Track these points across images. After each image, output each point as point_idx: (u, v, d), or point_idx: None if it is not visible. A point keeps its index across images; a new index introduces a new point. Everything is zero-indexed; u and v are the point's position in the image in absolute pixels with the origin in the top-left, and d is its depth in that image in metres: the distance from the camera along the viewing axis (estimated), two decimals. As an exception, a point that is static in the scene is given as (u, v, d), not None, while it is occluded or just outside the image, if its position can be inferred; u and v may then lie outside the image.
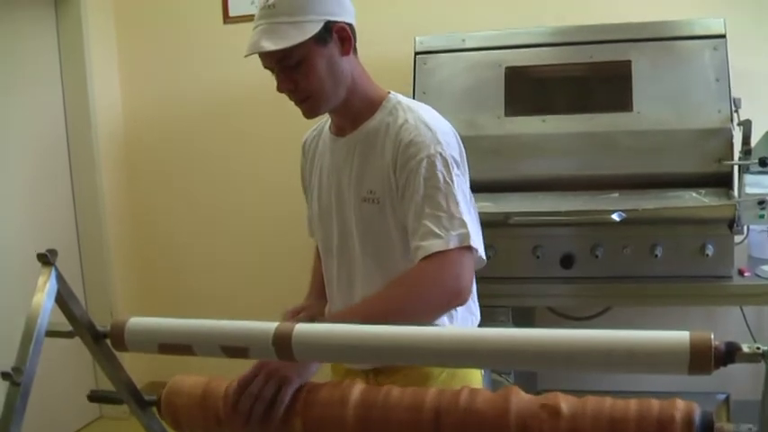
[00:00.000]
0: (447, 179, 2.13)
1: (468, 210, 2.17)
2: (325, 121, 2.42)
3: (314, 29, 2.11)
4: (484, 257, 2.17)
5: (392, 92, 2.32)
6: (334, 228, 2.33)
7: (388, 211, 2.20)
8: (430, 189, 2.12)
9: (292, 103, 2.25)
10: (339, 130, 2.32)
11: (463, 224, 2.10)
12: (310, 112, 2.24)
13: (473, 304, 2.36)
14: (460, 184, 2.17)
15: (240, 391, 1.85)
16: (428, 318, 2.10)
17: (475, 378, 2.32)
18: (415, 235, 2.11)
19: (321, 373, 1.89)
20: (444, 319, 2.21)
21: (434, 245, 2.07)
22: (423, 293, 2.06)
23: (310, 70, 2.14)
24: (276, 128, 5.02)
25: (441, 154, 2.14)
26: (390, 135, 2.20)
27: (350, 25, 2.21)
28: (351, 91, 2.23)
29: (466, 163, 2.27)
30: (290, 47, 2.09)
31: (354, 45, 2.23)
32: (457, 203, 2.12)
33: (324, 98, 2.19)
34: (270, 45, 2.09)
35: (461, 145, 2.26)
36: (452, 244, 2.07)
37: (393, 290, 2.10)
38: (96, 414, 5.25)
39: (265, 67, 2.20)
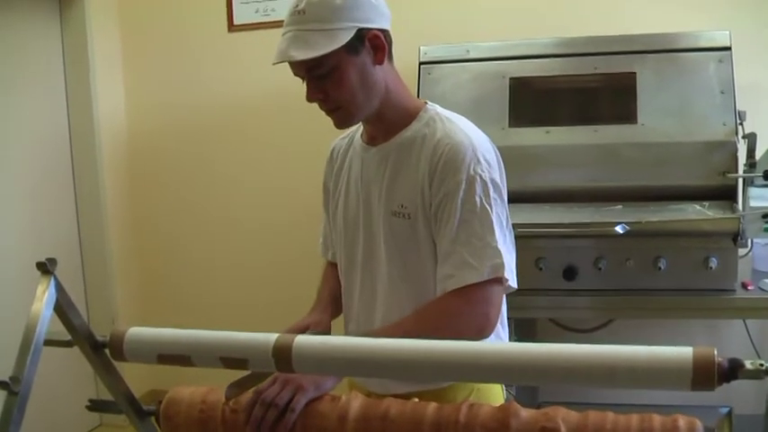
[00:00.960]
0: (485, 203, 2.05)
1: (504, 236, 2.10)
2: (357, 128, 2.33)
3: (345, 37, 2.02)
4: (515, 286, 2.12)
5: (430, 102, 2.24)
6: (360, 240, 2.25)
7: (419, 226, 2.12)
8: (466, 213, 2.04)
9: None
10: (371, 139, 2.24)
11: (498, 254, 2.03)
12: (341, 123, 2.15)
13: (501, 329, 2.26)
14: (497, 209, 2.09)
15: (256, 398, 1.84)
16: None
17: (497, 401, 2.24)
18: (446, 260, 2.05)
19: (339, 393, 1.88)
20: None
21: (468, 277, 2.01)
22: (446, 329, 1.98)
23: (341, 80, 2.05)
24: (281, 136, 5.04)
25: (480, 176, 2.06)
26: (427, 148, 2.11)
27: (385, 32, 2.11)
28: (384, 100, 2.14)
29: (505, 182, 2.18)
30: (320, 56, 2.01)
31: (389, 52, 2.15)
32: (493, 231, 2.05)
33: (355, 109, 2.10)
34: (299, 54, 2.00)
35: (501, 162, 2.18)
36: (486, 276, 2.01)
37: (416, 321, 2.04)
38: (96, 422, 5.25)
39: (295, 75, 2.11)
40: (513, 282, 2.10)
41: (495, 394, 2.29)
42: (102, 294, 5.17)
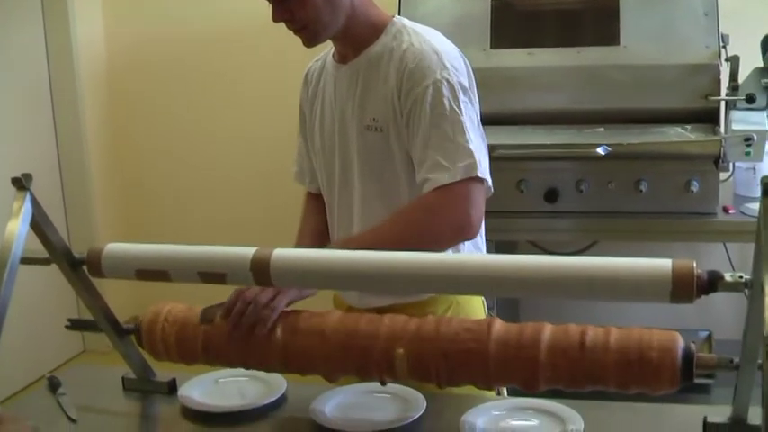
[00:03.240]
0: (454, 106, 2.05)
1: (476, 138, 2.09)
2: (329, 49, 2.31)
3: None
4: (491, 187, 2.12)
5: (397, 16, 2.22)
6: (336, 159, 2.24)
7: (392, 139, 2.11)
8: (436, 117, 2.04)
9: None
10: (342, 57, 2.23)
11: (470, 154, 2.03)
12: (309, 41, 2.13)
13: (480, 239, 2.26)
14: (468, 111, 2.08)
15: (237, 297, 1.84)
16: (433, 251, 1.95)
17: (478, 315, 2.27)
18: (421, 166, 2.05)
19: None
20: (450, 252, 2.10)
21: (441, 177, 2.01)
22: (428, 226, 2.02)
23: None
24: (262, 64, 5.00)
25: (447, 80, 2.05)
26: (394, 60, 2.10)
27: None
28: (351, 16, 2.11)
29: (474, 87, 2.17)
30: None
31: None
32: (464, 132, 2.04)
33: (321, 27, 2.09)
34: None
35: (470, 69, 2.17)
36: (459, 176, 2.01)
37: (397, 221, 2.05)
38: (80, 348, 5.26)
39: None
40: (489, 183, 2.10)
41: (476, 308, 2.29)
42: (83, 220, 5.15)
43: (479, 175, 2.02)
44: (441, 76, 2.05)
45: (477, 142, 2.08)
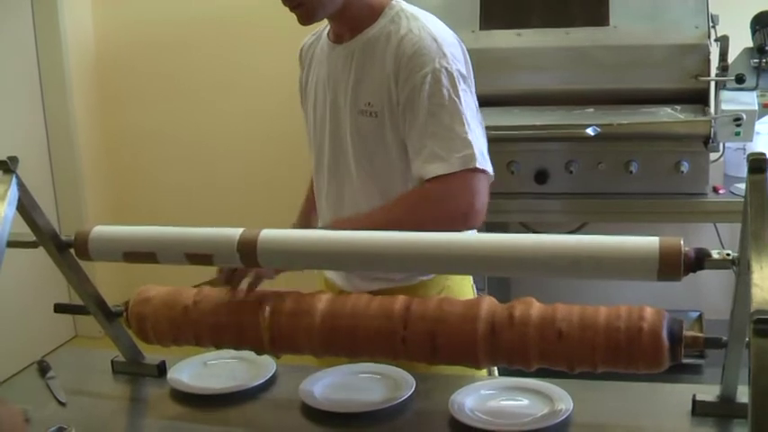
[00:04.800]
0: (452, 95, 2.03)
1: (476, 127, 2.08)
2: (324, 26, 2.29)
3: None
4: (492, 175, 2.10)
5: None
6: (326, 141, 2.23)
7: (386, 124, 2.09)
8: (434, 107, 2.02)
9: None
10: (337, 38, 2.21)
11: (468, 144, 2.02)
12: (305, 19, 2.10)
13: None
14: (467, 100, 2.07)
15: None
16: None
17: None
18: (417, 156, 2.04)
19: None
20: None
21: (438, 168, 2.00)
22: (425, 213, 2.00)
23: None
24: (252, 50, 4.99)
25: (446, 68, 2.03)
26: (392, 44, 2.08)
27: None
28: None
29: (472, 74, 2.16)
30: None
31: None
32: (462, 122, 2.03)
33: (318, 4, 2.06)
34: None
35: (468, 57, 2.16)
36: (456, 167, 2.00)
37: (393, 208, 2.05)
38: (71, 333, 5.25)
39: None
40: (490, 171, 2.08)
41: (466, 293, 2.29)
42: (72, 202, 5.14)
43: (478, 166, 2.02)
44: (439, 65, 2.03)
45: (477, 132, 2.07)
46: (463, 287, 2.29)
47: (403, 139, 2.09)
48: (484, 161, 2.05)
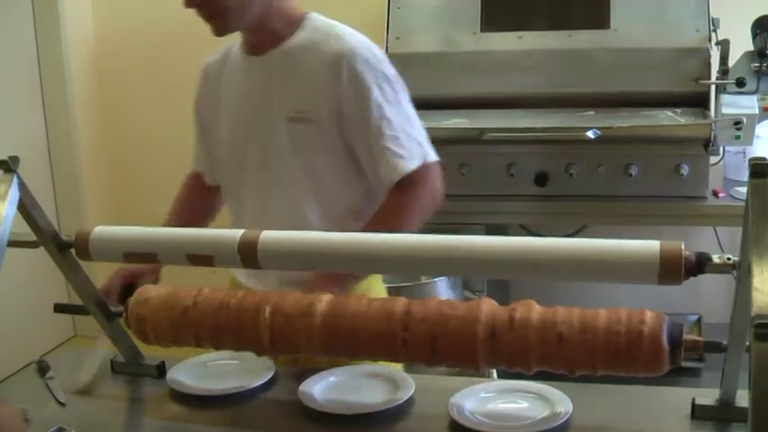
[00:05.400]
0: (395, 98, 2.15)
1: (417, 124, 2.21)
2: (231, 43, 2.34)
3: None
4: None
5: (309, 11, 2.26)
6: (247, 154, 2.25)
7: (322, 130, 2.15)
8: (382, 110, 2.12)
9: None
10: (254, 49, 2.24)
11: (422, 140, 2.18)
12: (219, 30, 2.15)
13: None
14: (405, 100, 2.20)
15: None
16: None
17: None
18: (380, 160, 2.13)
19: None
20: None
21: (404, 167, 2.12)
22: (412, 215, 2.14)
23: None
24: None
25: (383, 73, 2.15)
26: (322, 53, 2.14)
27: None
28: (267, 9, 2.15)
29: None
30: None
31: None
32: (410, 121, 2.18)
33: (233, 15, 2.10)
34: None
35: None
36: (416, 163, 2.14)
37: (384, 222, 2.10)
38: (70, 333, 5.24)
39: None
40: (437, 158, 2.22)
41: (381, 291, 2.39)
42: (72, 202, 5.14)
43: (431, 159, 2.19)
44: (379, 71, 2.14)
45: (420, 128, 2.20)
46: (380, 287, 2.38)
47: (349, 144, 2.17)
48: (433, 153, 2.21)
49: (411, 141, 2.14)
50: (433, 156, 2.19)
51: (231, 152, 2.30)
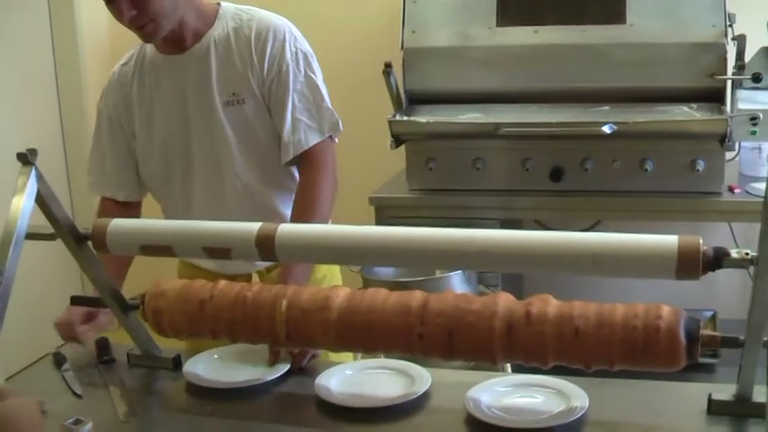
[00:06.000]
0: (308, 73, 2.33)
1: (328, 99, 2.39)
2: (136, 50, 2.43)
3: None
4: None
5: (221, 1, 2.40)
6: (192, 145, 2.35)
7: (251, 108, 2.31)
8: (298, 85, 2.31)
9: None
10: (175, 48, 2.32)
11: (333, 113, 2.37)
12: (153, 35, 2.23)
13: None
14: (320, 76, 2.37)
15: None
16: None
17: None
18: (292, 131, 2.30)
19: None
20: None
21: (311, 138, 2.31)
22: (328, 201, 2.32)
23: None
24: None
25: (300, 49, 2.33)
26: (243, 38, 2.30)
27: None
28: (185, 8, 2.24)
29: None
30: None
31: None
32: (322, 95, 2.36)
33: (164, 19, 2.19)
34: None
35: None
36: (326, 133, 2.34)
37: (309, 210, 2.26)
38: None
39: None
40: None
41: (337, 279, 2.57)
42: (87, 195, 5.12)
43: (341, 129, 2.39)
44: (295, 47, 2.32)
45: (329, 105, 2.38)
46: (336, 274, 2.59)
47: (271, 115, 2.33)
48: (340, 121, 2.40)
49: (323, 114, 2.34)
50: (341, 128, 2.39)
51: (166, 149, 2.39)
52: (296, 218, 2.27)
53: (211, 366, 2.02)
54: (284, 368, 1.97)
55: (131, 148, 2.44)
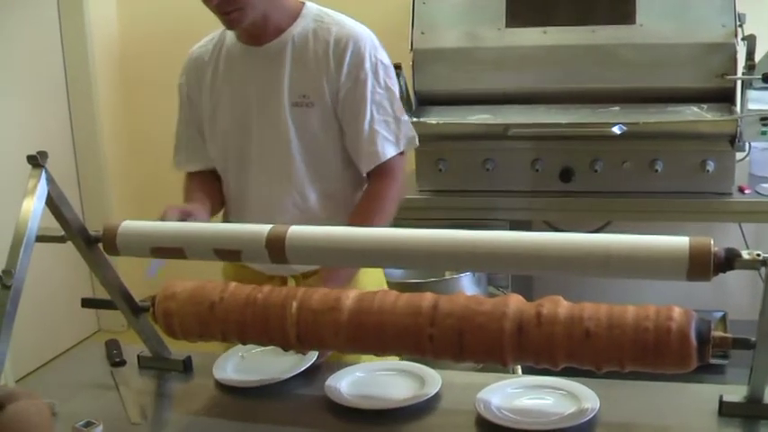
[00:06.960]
0: (389, 84, 2.33)
1: (404, 113, 2.38)
2: (215, 34, 2.46)
3: None
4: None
5: (307, 2, 2.38)
6: (252, 138, 2.34)
7: (320, 113, 2.28)
8: (377, 96, 2.29)
9: None
10: (254, 39, 2.32)
11: (410, 128, 2.38)
12: (236, 23, 2.23)
13: None
14: (396, 87, 2.36)
15: None
16: None
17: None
18: (369, 142, 2.29)
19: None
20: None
21: (388, 150, 2.30)
22: (390, 212, 2.32)
23: None
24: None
25: (381, 61, 2.31)
26: (322, 41, 2.28)
27: None
28: (269, 1, 2.24)
29: None
30: None
31: None
32: (401, 108, 2.36)
33: (251, 8, 2.19)
34: None
35: None
36: (402, 146, 2.34)
37: (371, 215, 2.27)
38: (94, 328, 5.26)
39: None
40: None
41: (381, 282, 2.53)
42: (97, 197, 5.15)
43: (416, 144, 2.42)
44: (376, 58, 2.31)
45: (406, 118, 2.39)
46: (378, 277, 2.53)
47: (341, 126, 2.31)
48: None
49: (401, 127, 2.34)
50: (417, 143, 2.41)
51: (232, 140, 2.38)
52: (355, 219, 2.27)
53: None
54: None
55: (202, 130, 2.47)
